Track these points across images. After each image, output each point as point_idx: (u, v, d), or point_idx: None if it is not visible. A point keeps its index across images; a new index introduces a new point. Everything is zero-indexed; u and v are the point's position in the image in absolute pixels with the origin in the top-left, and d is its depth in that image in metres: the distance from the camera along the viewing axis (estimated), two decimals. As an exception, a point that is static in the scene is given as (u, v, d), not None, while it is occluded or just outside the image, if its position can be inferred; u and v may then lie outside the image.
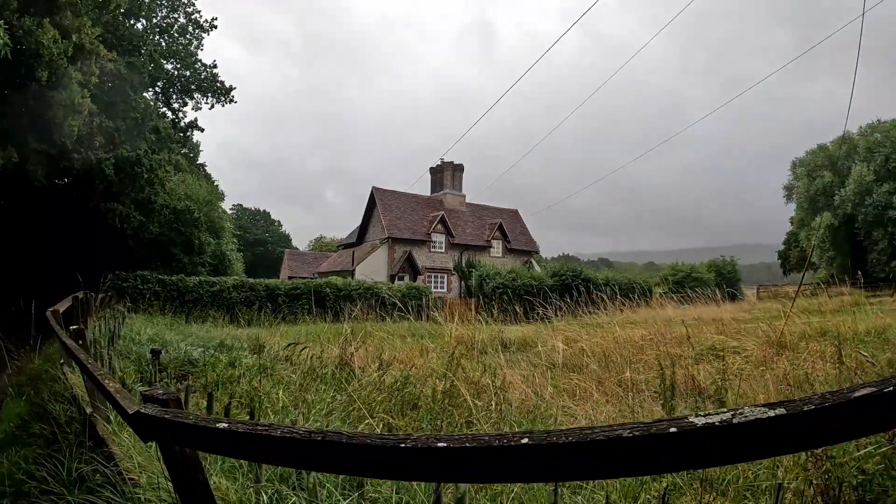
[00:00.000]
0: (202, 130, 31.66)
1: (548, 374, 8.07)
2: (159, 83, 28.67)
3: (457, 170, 51.63)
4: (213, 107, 30.77)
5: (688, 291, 17.60)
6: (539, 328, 15.59)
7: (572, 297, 18.23)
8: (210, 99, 30.60)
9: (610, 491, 3.81)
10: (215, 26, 30.07)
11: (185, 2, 29.21)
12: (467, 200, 51.88)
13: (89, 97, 17.84)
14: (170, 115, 29.82)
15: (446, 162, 51.07)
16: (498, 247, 49.60)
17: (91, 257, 23.68)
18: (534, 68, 54.29)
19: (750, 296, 39.80)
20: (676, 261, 48.20)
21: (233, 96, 30.93)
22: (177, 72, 29.63)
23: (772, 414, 1.07)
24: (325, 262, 54.14)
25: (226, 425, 1.67)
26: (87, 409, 5.31)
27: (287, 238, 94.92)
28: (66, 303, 10.97)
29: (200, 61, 30.05)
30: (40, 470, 4.54)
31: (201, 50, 30.05)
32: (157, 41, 27.85)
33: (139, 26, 26.98)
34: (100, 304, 18.88)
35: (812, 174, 55.43)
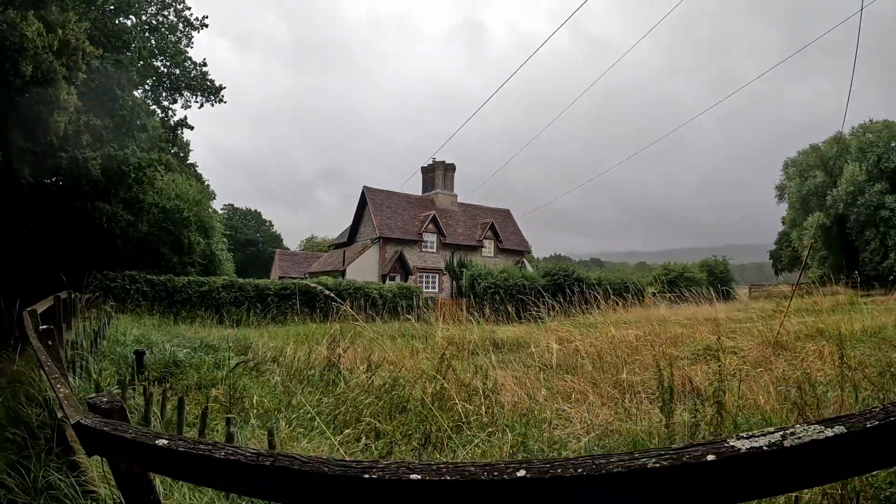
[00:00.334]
0: (191, 129, 31.20)
1: (541, 375, 7.86)
2: (148, 81, 28.27)
3: (448, 169, 51.33)
4: (202, 106, 30.37)
5: (682, 290, 17.41)
6: (531, 328, 15.41)
7: (565, 296, 18.05)
8: (200, 98, 30.19)
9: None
10: (206, 24, 29.58)
11: (176, -2, 28.79)
12: (459, 200, 51.61)
13: (76, 94, 17.55)
14: (159, 112, 29.44)
15: (438, 161, 50.75)
16: (490, 247, 49.37)
17: (77, 257, 23.33)
18: (527, 68, 54.22)
19: (742, 295, 39.77)
20: (668, 261, 48.10)
21: (222, 96, 30.49)
22: (166, 70, 29.22)
23: (829, 433, 0.87)
24: (316, 263, 53.81)
25: (166, 442, 1.44)
26: (59, 414, 5.07)
27: (278, 238, 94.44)
28: (47, 303, 10.65)
29: (190, 59, 29.60)
30: (12, 477, 4.32)
31: (191, 48, 29.61)
32: (146, 38, 27.45)
33: (128, 23, 26.59)
34: (86, 305, 18.60)
35: (804, 174, 55.61)
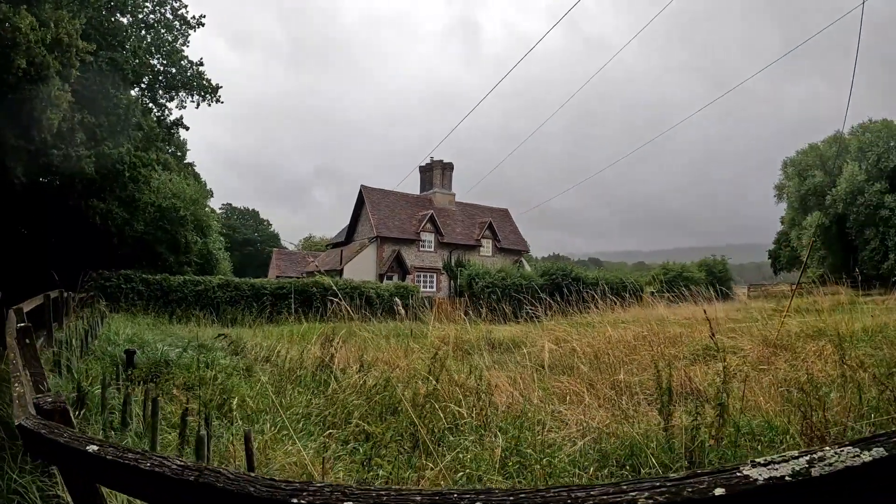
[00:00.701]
0: (187, 129, 31.03)
1: (535, 375, 7.71)
2: (144, 80, 28.06)
3: (446, 168, 51.16)
4: (199, 105, 30.11)
5: (681, 289, 17.27)
6: (528, 328, 15.26)
7: (562, 296, 17.93)
8: (196, 97, 29.96)
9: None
10: (202, 23, 29.35)
11: (173, -4, 28.56)
12: (457, 199, 51.45)
13: (69, 92, 17.40)
14: (156, 111, 29.24)
15: (436, 160, 50.52)
16: (488, 246, 49.22)
17: (73, 256, 23.21)
18: (524, 68, 54.11)
19: (741, 295, 39.66)
20: (667, 260, 47.99)
21: (219, 95, 30.22)
22: (163, 68, 29.00)
23: (867, 458, 0.68)
24: (313, 262, 53.63)
25: (96, 448, 1.32)
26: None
27: (276, 237, 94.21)
28: (36, 301, 10.50)
29: (187, 58, 29.37)
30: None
31: (188, 47, 29.43)
32: (142, 36, 27.25)
33: (124, 21, 26.42)
34: (80, 304, 18.46)
35: (803, 174, 55.52)
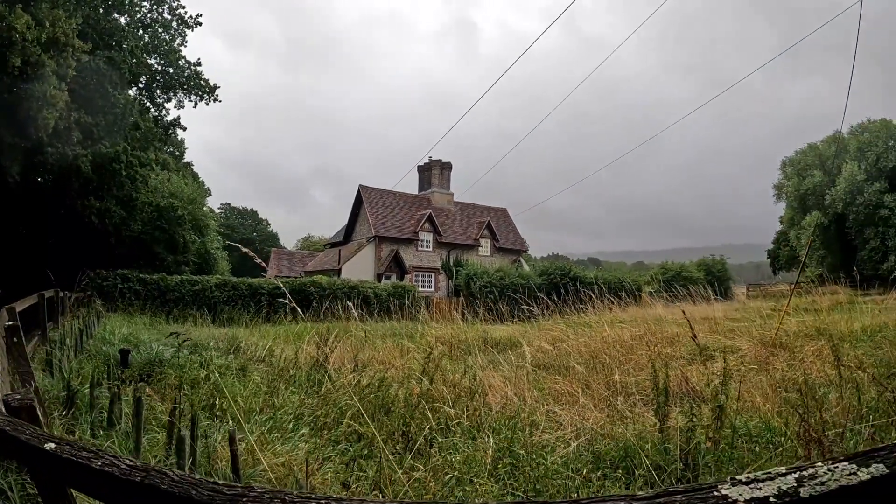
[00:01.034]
0: (184, 129, 31.04)
1: (530, 376, 7.66)
2: (142, 79, 28.01)
3: (445, 168, 51.07)
4: (196, 105, 30.03)
5: (680, 289, 17.24)
6: (525, 328, 15.22)
7: (560, 295, 17.90)
8: (194, 97, 29.89)
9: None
10: (200, 23, 29.30)
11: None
12: (455, 199, 51.35)
13: (66, 91, 17.35)
14: (153, 111, 29.18)
15: (434, 160, 50.41)
16: (486, 246, 49.14)
17: (70, 256, 23.15)
18: (521, 67, 54.18)
19: (739, 295, 39.65)
20: (665, 260, 48.00)
21: (217, 95, 30.16)
22: (160, 68, 28.94)
23: (864, 476, 0.59)
24: (311, 262, 53.58)
25: (53, 446, 1.30)
26: None
27: (275, 237, 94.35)
28: (30, 300, 10.43)
29: (184, 58, 29.32)
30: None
31: (185, 47, 29.32)
32: (139, 35, 27.20)
33: (121, 21, 26.35)
34: (76, 304, 18.40)
35: (802, 173, 55.48)
